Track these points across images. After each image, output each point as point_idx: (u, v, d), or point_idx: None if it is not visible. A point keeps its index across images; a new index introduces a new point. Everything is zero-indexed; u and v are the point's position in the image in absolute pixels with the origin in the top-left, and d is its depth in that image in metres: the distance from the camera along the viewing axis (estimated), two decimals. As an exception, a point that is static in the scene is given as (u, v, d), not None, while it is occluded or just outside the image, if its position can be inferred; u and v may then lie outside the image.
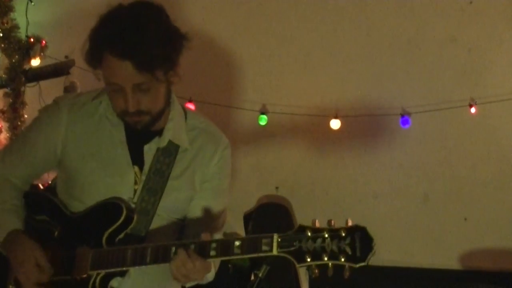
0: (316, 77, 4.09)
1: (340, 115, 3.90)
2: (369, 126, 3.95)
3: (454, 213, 3.92)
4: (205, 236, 1.78)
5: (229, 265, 3.47)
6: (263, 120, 4.01)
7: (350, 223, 1.62)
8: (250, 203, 3.61)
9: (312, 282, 4.11)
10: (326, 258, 1.60)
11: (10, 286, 1.98)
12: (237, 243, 1.71)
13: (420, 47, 3.90)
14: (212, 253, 1.74)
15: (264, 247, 1.67)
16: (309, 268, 1.63)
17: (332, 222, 1.64)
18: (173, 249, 1.76)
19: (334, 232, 1.61)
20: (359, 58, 4.01)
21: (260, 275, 2.59)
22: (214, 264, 1.90)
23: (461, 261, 3.89)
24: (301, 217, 4.11)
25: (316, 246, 1.61)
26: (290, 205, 4.10)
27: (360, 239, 1.59)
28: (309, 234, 1.63)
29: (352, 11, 4.01)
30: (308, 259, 1.61)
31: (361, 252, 1.58)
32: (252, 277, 2.61)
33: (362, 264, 1.58)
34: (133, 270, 1.90)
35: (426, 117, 3.81)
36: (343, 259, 1.59)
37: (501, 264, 3.81)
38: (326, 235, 1.61)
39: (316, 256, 1.61)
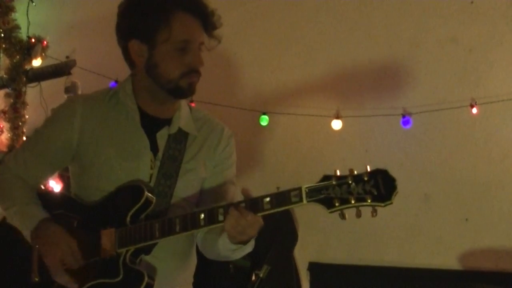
0: (317, 77, 4.09)
1: (342, 115, 3.91)
2: (370, 126, 3.94)
3: (454, 213, 3.91)
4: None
5: (230, 265, 3.47)
6: (264, 120, 4.01)
7: (369, 169, 1.68)
8: (251, 203, 3.61)
9: (312, 282, 4.11)
10: (353, 201, 1.66)
11: (36, 279, 2.00)
12: (266, 199, 1.77)
13: (421, 47, 3.90)
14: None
15: (294, 199, 1.73)
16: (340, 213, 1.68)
17: (353, 170, 1.70)
18: (221, 210, 1.80)
19: (358, 177, 1.68)
20: (359, 58, 4.01)
21: (261, 275, 2.60)
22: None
23: (461, 261, 3.88)
24: (302, 217, 4.13)
25: (342, 191, 1.68)
26: (290, 205, 4.10)
27: (383, 180, 1.66)
28: (334, 181, 1.70)
29: (352, 11, 4.01)
30: (337, 204, 1.68)
31: (385, 192, 1.65)
32: (253, 277, 2.62)
33: (389, 202, 1.65)
34: (156, 248, 1.95)
35: (427, 117, 3.81)
36: (369, 200, 1.65)
37: (502, 264, 3.80)
38: (350, 181, 1.68)
39: (344, 200, 1.67)
